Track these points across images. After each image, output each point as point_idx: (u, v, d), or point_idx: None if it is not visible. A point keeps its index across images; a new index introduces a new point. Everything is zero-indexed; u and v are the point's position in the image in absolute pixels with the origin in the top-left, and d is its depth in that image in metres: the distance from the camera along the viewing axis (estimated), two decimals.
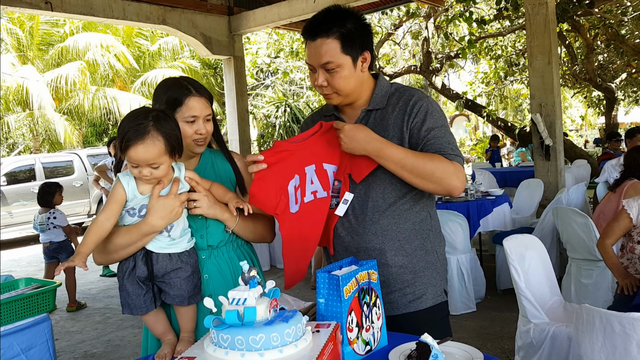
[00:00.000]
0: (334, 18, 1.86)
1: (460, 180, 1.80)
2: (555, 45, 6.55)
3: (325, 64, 1.85)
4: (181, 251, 1.77)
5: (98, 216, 1.69)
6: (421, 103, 1.89)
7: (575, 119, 28.34)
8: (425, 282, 1.97)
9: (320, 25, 1.85)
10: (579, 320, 2.37)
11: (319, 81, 1.88)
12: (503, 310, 4.96)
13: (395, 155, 1.78)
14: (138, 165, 1.66)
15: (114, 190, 1.71)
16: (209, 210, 1.84)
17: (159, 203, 1.71)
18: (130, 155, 1.63)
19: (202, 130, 1.87)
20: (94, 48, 17.92)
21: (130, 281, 1.73)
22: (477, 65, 19.10)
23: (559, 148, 6.50)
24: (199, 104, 1.87)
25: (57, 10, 6.76)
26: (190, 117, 1.85)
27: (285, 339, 1.36)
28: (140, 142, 1.63)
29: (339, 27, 1.84)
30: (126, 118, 1.69)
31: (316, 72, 1.89)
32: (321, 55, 1.84)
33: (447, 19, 12.24)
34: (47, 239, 6.22)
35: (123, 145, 1.64)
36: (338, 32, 1.84)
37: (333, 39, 1.84)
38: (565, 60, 14.69)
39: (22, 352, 2.50)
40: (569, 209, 4.40)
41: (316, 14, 1.91)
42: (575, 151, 12.79)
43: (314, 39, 1.86)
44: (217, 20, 8.72)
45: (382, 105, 1.95)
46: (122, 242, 1.71)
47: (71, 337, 5.31)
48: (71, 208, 12.10)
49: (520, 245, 3.26)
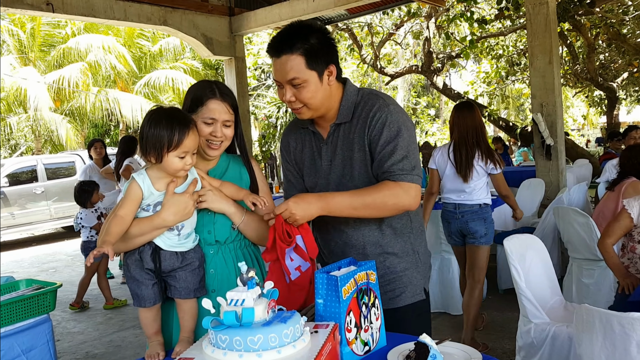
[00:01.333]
0: (298, 34, 1.87)
1: (411, 197, 1.88)
2: (556, 44, 6.54)
3: (292, 80, 1.87)
4: (187, 250, 1.82)
5: (117, 211, 1.74)
6: (380, 114, 1.92)
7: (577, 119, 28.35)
8: (405, 282, 2.05)
9: (284, 42, 1.87)
10: (579, 320, 2.37)
11: (287, 97, 1.91)
12: (504, 310, 4.96)
13: (343, 204, 1.85)
14: (185, 156, 1.75)
15: (130, 188, 1.76)
16: (214, 204, 1.87)
17: (174, 199, 1.77)
18: (185, 144, 1.73)
19: (218, 133, 1.89)
20: (96, 49, 17.92)
21: (139, 272, 1.78)
22: (478, 65, 19.09)
23: (560, 148, 6.49)
24: (219, 107, 1.89)
25: (59, 11, 6.77)
26: (208, 118, 1.88)
27: (283, 340, 1.36)
28: (192, 130, 1.76)
29: (303, 42, 1.86)
30: (157, 119, 1.75)
31: (283, 87, 1.92)
32: (287, 71, 1.87)
33: (448, 18, 12.24)
34: (82, 239, 6.33)
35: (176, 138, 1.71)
36: (302, 48, 1.86)
37: (297, 54, 1.85)
38: (566, 60, 14.69)
39: (23, 353, 2.52)
40: (570, 208, 4.39)
41: (280, 30, 1.93)
42: (576, 151, 12.77)
43: (279, 56, 1.88)
44: (218, 21, 8.73)
45: (348, 118, 1.99)
46: (132, 232, 1.76)
47: (73, 337, 5.31)
48: (73, 209, 12.08)
49: (520, 245, 3.26)
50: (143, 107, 18.54)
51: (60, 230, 13.27)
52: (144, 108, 18.52)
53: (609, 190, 4.34)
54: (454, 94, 14.00)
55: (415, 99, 26.77)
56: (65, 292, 6.99)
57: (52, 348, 2.65)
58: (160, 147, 1.72)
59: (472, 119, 4.09)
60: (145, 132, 1.74)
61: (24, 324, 2.58)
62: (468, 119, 4.09)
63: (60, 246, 11.23)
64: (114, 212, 1.74)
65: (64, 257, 9.81)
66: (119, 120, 19.70)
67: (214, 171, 2.00)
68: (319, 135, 2.07)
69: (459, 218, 4.17)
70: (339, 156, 2.01)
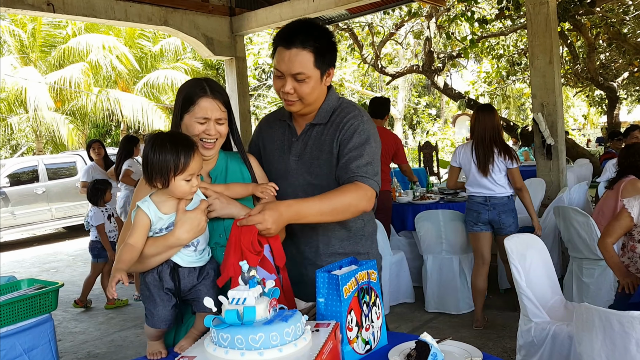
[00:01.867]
0: (311, 31, 1.94)
1: (368, 201, 1.96)
2: (556, 44, 6.55)
3: (297, 74, 1.93)
4: (204, 264, 1.81)
5: (127, 240, 1.72)
6: (353, 121, 2.02)
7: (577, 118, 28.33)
8: None
9: (297, 36, 1.92)
10: (579, 319, 2.38)
11: (286, 88, 1.95)
12: (504, 310, 4.97)
13: (312, 210, 1.86)
14: (191, 178, 1.74)
15: (137, 217, 1.75)
16: (223, 212, 1.87)
17: (186, 216, 1.75)
18: (191, 167, 1.73)
19: (211, 131, 1.89)
20: (97, 49, 17.93)
21: (157, 292, 1.75)
22: (479, 64, 19.09)
23: (560, 147, 6.50)
24: (210, 105, 1.88)
25: (59, 11, 6.77)
26: (201, 118, 1.87)
27: (284, 338, 1.37)
28: (196, 153, 1.75)
29: (315, 41, 1.93)
30: (161, 144, 1.74)
31: (283, 78, 1.95)
32: (294, 64, 1.92)
33: (448, 18, 12.24)
34: (91, 238, 6.32)
35: (182, 162, 1.71)
36: (313, 46, 1.92)
37: (308, 51, 1.93)
38: (567, 60, 14.68)
39: (25, 352, 2.52)
40: (570, 208, 4.40)
41: (292, 23, 1.97)
42: (577, 150, 12.77)
43: (289, 48, 1.92)
44: (219, 21, 8.73)
45: (324, 120, 2.07)
46: (148, 252, 1.74)
47: (74, 337, 5.32)
48: (74, 209, 12.13)
49: (521, 245, 3.27)
50: (144, 107, 18.55)
51: (61, 231, 13.28)
52: (144, 108, 18.54)
53: (608, 189, 4.35)
54: (455, 93, 14.00)
55: (416, 99, 26.77)
56: (67, 292, 7.00)
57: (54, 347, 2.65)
58: (167, 172, 1.71)
59: (491, 120, 4.49)
60: (150, 159, 1.73)
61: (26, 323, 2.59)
62: (487, 120, 4.48)
63: (62, 246, 11.24)
64: (125, 241, 1.74)
65: (65, 257, 9.82)
66: (120, 121, 19.70)
67: (215, 171, 1.99)
68: (293, 130, 2.13)
69: (490, 210, 4.55)
70: (307, 154, 2.08)
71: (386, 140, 5.50)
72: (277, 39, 1.96)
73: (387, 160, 5.59)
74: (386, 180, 5.56)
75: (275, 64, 1.97)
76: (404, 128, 26.04)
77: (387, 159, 5.57)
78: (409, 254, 5.65)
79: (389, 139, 5.55)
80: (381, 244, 5.12)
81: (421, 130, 27.27)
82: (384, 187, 5.54)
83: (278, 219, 1.75)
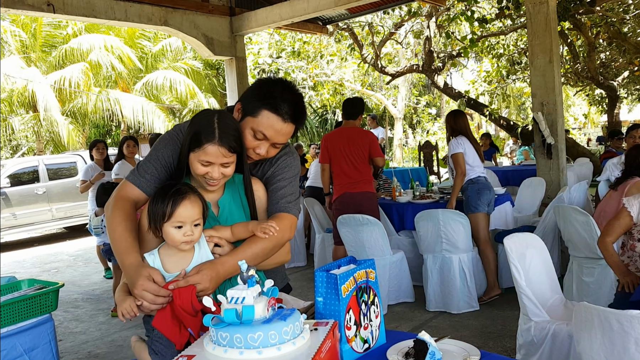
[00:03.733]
0: (303, 111, 2.04)
1: (292, 232, 2.04)
2: (556, 43, 6.55)
3: (279, 143, 2.02)
4: None
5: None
6: (284, 158, 2.12)
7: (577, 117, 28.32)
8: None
9: (295, 114, 1.99)
10: (578, 318, 2.38)
11: (262, 151, 2.00)
12: (505, 309, 4.97)
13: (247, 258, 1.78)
14: (182, 226, 1.73)
15: None
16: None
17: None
18: (179, 213, 1.72)
19: (214, 174, 1.84)
20: (97, 50, 17.94)
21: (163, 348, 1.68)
22: (479, 64, 19.10)
23: (560, 146, 6.50)
24: (216, 152, 1.81)
25: (59, 12, 6.79)
26: (204, 161, 1.82)
27: (283, 337, 1.38)
28: (187, 200, 1.74)
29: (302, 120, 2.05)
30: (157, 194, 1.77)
31: (262, 142, 1.98)
32: (284, 136, 2.00)
33: (448, 18, 12.25)
34: (102, 241, 6.26)
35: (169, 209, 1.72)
36: (300, 122, 2.04)
37: (296, 126, 2.03)
38: (567, 59, 14.69)
39: (25, 352, 2.53)
40: (571, 207, 4.40)
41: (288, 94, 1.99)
42: (577, 149, 12.76)
43: (285, 121, 1.97)
44: (219, 21, 8.74)
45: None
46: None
47: (75, 337, 5.33)
48: (74, 209, 12.13)
49: (520, 244, 3.27)
50: (144, 107, 18.56)
51: (62, 231, 13.29)
52: (144, 108, 18.55)
53: (612, 189, 4.34)
54: (455, 93, 14.00)
55: (416, 98, 26.77)
56: (67, 292, 7.01)
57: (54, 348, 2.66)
58: (157, 220, 1.73)
59: (465, 122, 5.52)
60: (149, 209, 1.77)
61: (26, 323, 2.59)
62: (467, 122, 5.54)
63: (62, 246, 11.25)
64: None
65: (66, 257, 9.83)
66: (120, 121, 19.71)
67: (224, 200, 1.96)
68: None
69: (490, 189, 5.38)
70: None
71: (359, 140, 5.52)
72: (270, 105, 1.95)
73: (366, 159, 5.56)
74: (369, 181, 5.57)
75: (262, 128, 1.95)
76: (404, 127, 26.04)
77: (364, 158, 5.53)
78: (409, 253, 5.65)
79: (361, 138, 5.53)
80: (381, 244, 5.14)
81: (421, 129, 27.27)
82: (366, 188, 5.54)
83: (216, 277, 1.74)
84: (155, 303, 1.66)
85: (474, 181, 5.32)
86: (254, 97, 1.98)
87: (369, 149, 5.51)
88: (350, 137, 5.51)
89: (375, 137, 5.70)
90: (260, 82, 2.04)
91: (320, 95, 20.64)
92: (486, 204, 5.26)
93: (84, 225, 13.13)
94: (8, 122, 18.01)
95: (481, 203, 5.24)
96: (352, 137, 5.51)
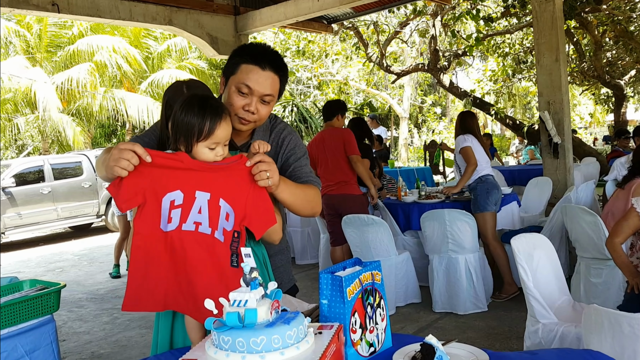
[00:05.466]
0: (282, 62, 2.04)
1: (320, 204, 2.10)
2: (562, 42, 6.50)
3: (265, 95, 1.97)
4: None
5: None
6: (290, 138, 2.14)
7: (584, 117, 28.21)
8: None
9: (272, 59, 1.99)
10: (587, 321, 2.34)
11: (251, 107, 1.96)
12: (512, 310, 4.93)
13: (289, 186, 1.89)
14: (216, 147, 1.71)
15: None
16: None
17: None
18: (217, 134, 1.69)
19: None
20: (102, 50, 17.97)
21: None
22: (484, 63, 19.02)
23: (567, 146, 6.45)
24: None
25: (64, 12, 6.76)
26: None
27: (286, 341, 1.34)
28: (224, 120, 1.72)
29: (284, 70, 2.04)
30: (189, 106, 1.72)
31: (248, 97, 1.96)
32: (267, 86, 1.97)
33: (454, 16, 12.18)
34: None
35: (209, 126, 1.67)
36: (282, 73, 2.03)
37: (279, 76, 2.01)
38: (573, 58, 14.59)
39: (26, 354, 2.50)
40: (578, 207, 4.35)
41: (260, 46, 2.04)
42: (584, 149, 12.68)
43: (264, 69, 1.96)
44: (224, 20, 8.71)
45: (266, 139, 2.12)
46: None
47: (79, 337, 5.32)
48: (80, 209, 12.15)
49: (528, 245, 3.23)
50: (149, 107, 18.57)
51: (67, 230, 13.31)
52: (149, 108, 18.56)
53: (619, 188, 4.29)
54: (461, 92, 13.93)
55: (421, 97, 26.71)
56: (71, 292, 7.01)
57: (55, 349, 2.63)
58: (190, 136, 1.69)
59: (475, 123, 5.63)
60: (177, 119, 1.71)
61: (28, 324, 2.57)
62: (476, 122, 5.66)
63: (67, 246, 11.26)
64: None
65: (71, 257, 9.83)
66: (125, 120, 19.73)
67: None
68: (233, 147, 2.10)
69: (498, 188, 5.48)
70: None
71: (333, 140, 5.53)
72: (247, 57, 1.97)
73: (344, 159, 5.51)
74: (348, 182, 5.54)
75: (244, 80, 1.94)
76: (410, 127, 25.97)
77: (342, 158, 5.50)
78: (414, 254, 5.61)
79: (335, 138, 5.54)
80: (386, 244, 5.10)
81: (427, 129, 27.20)
82: (345, 191, 5.53)
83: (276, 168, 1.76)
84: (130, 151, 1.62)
85: (483, 180, 5.37)
86: (231, 59, 2.03)
87: (344, 148, 5.48)
88: (325, 139, 5.60)
89: (351, 135, 5.58)
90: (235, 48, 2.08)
91: (325, 94, 20.60)
92: (494, 203, 5.31)
93: (90, 225, 13.17)
94: (13, 122, 18.05)
95: (490, 202, 5.27)
96: (327, 139, 5.59)
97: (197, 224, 1.67)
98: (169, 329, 1.90)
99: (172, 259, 1.66)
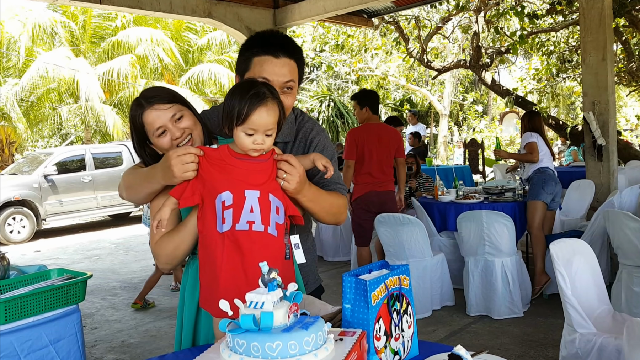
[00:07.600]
0: (292, 41, 1.96)
1: (346, 214, 2.04)
2: (610, 41, 6.27)
3: (287, 82, 1.88)
4: None
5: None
6: (319, 138, 2.05)
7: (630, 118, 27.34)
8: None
9: (285, 46, 1.90)
10: (630, 335, 2.21)
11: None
12: (548, 317, 4.77)
13: (312, 191, 1.81)
14: (254, 133, 1.64)
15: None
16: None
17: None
18: (252, 120, 1.62)
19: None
20: (144, 42, 18.21)
21: None
22: (528, 61, 18.61)
23: (612, 148, 6.23)
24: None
25: (106, 2, 6.84)
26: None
27: (304, 348, 1.27)
28: (264, 106, 1.64)
29: (299, 53, 1.95)
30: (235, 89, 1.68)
31: None
32: (286, 73, 1.88)
33: (497, 13, 11.92)
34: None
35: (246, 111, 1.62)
36: (297, 56, 1.94)
37: (294, 60, 1.92)
38: (621, 57, 14.13)
39: (51, 343, 2.50)
40: (621, 212, 4.17)
41: (271, 33, 1.95)
42: (629, 152, 12.27)
43: (278, 57, 1.87)
44: (262, 14, 8.69)
45: (290, 138, 2.03)
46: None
47: (110, 326, 5.37)
48: (119, 198, 12.29)
49: (567, 250, 3.10)
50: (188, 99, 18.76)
51: (106, 219, 13.56)
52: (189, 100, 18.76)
53: None
54: (503, 90, 13.64)
55: (462, 95, 26.31)
56: (106, 280, 7.11)
57: (80, 339, 2.63)
58: (230, 120, 1.65)
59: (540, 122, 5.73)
60: (225, 102, 1.68)
61: (53, 314, 2.57)
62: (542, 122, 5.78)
63: (105, 234, 11.47)
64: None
65: (108, 245, 10.00)
66: None
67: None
68: None
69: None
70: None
71: (389, 139, 5.41)
72: (258, 49, 1.89)
73: (391, 159, 5.44)
74: (392, 180, 5.46)
75: (260, 73, 1.86)
76: (450, 124, 25.63)
77: (390, 158, 5.43)
78: (450, 255, 5.49)
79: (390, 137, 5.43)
80: (421, 245, 4.99)
81: (467, 127, 26.79)
82: (390, 187, 5.41)
83: (303, 174, 1.71)
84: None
85: (541, 171, 5.44)
86: (241, 55, 1.94)
87: (396, 149, 5.43)
88: (380, 135, 5.38)
89: (402, 138, 5.57)
90: (243, 43, 2.00)
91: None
92: (549, 195, 5.32)
93: (128, 214, 13.38)
94: (57, 111, 18.44)
95: (544, 192, 5.29)
96: (382, 136, 5.38)
97: (250, 222, 1.64)
98: (192, 325, 1.87)
99: (230, 259, 1.64)
